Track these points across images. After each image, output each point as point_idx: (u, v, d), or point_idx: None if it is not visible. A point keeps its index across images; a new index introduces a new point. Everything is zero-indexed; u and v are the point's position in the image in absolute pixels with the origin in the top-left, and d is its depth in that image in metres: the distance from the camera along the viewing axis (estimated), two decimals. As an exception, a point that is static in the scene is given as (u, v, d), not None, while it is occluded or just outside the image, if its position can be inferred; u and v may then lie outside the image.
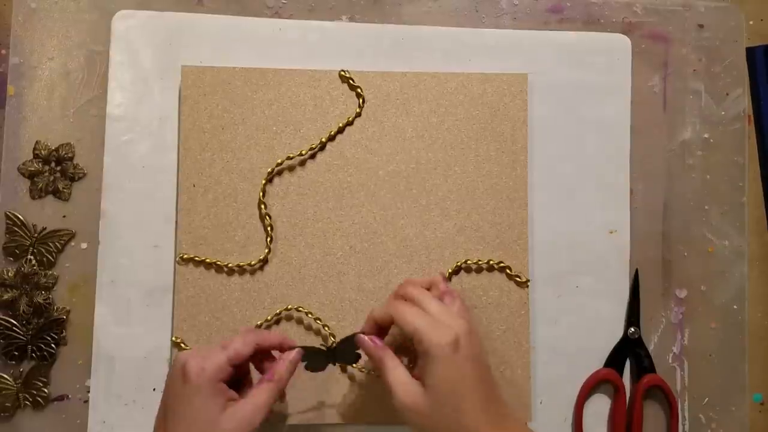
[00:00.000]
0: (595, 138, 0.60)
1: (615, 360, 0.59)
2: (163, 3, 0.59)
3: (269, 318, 0.56)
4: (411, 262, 0.58)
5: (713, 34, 0.62)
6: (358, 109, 0.58)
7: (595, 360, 0.59)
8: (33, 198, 0.57)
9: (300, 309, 0.56)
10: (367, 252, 0.57)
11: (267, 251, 0.57)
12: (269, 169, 0.57)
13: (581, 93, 0.60)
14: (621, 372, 0.59)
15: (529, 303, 0.58)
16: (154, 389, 0.56)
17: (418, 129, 0.59)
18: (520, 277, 0.58)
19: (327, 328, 0.56)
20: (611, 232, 0.60)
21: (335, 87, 0.59)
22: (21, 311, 0.56)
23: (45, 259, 0.57)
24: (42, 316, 0.56)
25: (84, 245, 0.57)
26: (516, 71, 0.60)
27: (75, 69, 0.58)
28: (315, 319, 0.56)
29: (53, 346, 0.56)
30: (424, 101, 0.59)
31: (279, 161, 0.57)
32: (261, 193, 0.57)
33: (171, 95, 0.58)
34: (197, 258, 0.56)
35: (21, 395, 0.56)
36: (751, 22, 0.63)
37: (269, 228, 0.57)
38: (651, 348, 0.59)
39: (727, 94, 0.62)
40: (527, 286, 0.58)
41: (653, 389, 0.59)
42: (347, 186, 0.58)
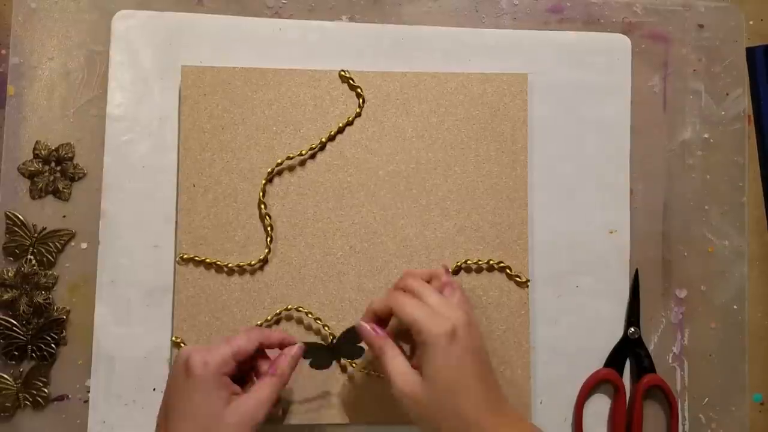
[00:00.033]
0: (595, 138, 0.60)
1: (615, 360, 0.59)
2: (163, 3, 0.59)
3: (269, 318, 0.56)
4: (411, 262, 0.58)
5: (713, 34, 0.62)
6: (358, 109, 0.58)
7: (595, 360, 0.59)
8: (33, 198, 0.57)
9: (300, 309, 0.56)
10: (367, 252, 0.57)
11: (267, 251, 0.57)
12: (269, 169, 0.57)
13: (581, 93, 0.60)
14: (621, 372, 0.59)
15: (529, 303, 0.58)
16: (154, 389, 0.56)
17: (418, 129, 0.59)
18: (520, 277, 0.58)
19: (327, 328, 0.56)
20: (611, 232, 0.60)
21: (335, 87, 0.59)
22: (21, 311, 0.56)
23: (45, 259, 0.57)
24: (42, 316, 0.56)
25: (84, 245, 0.57)
26: (516, 71, 0.60)
27: (75, 69, 0.58)
28: (315, 319, 0.56)
29: (53, 346, 0.56)
30: (424, 101, 0.59)
31: (279, 161, 0.57)
32: (261, 193, 0.57)
33: (171, 95, 0.58)
34: (197, 258, 0.56)
35: (21, 395, 0.56)
36: (751, 22, 0.63)
37: (269, 228, 0.57)
38: (651, 348, 0.59)
39: (727, 94, 0.62)
40: (527, 286, 0.58)
41: (653, 389, 0.59)
42: (347, 186, 0.58)
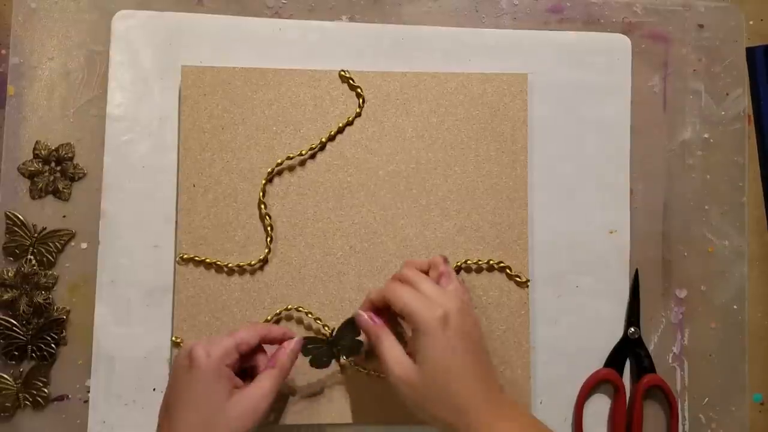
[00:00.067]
0: (595, 138, 0.60)
1: (615, 360, 0.59)
2: (163, 3, 0.59)
3: (269, 318, 0.56)
4: (411, 262, 0.57)
5: (713, 34, 0.62)
6: (358, 109, 0.58)
7: (595, 360, 0.59)
8: (33, 198, 0.57)
9: (300, 309, 0.56)
10: (367, 252, 0.57)
11: (267, 251, 0.57)
12: (269, 169, 0.57)
13: (581, 93, 0.60)
14: (621, 372, 0.59)
15: (529, 303, 0.58)
16: (154, 389, 0.56)
17: (418, 129, 0.59)
18: (520, 277, 0.58)
19: (327, 328, 0.56)
20: (611, 232, 0.60)
21: (335, 87, 0.59)
22: (21, 311, 0.56)
23: (45, 259, 0.57)
24: (42, 316, 0.56)
25: (84, 245, 0.57)
26: (516, 71, 0.60)
27: (75, 69, 0.58)
28: (315, 319, 0.56)
29: (53, 346, 0.56)
30: (424, 101, 0.59)
31: (279, 161, 0.57)
32: (261, 193, 0.57)
33: (171, 95, 0.58)
34: (197, 258, 0.56)
35: (21, 395, 0.56)
36: (751, 22, 0.63)
37: (269, 228, 0.57)
38: (651, 348, 0.59)
39: (727, 94, 0.62)
40: (527, 286, 0.58)
41: (653, 389, 0.59)
42: (347, 186, 0.58)
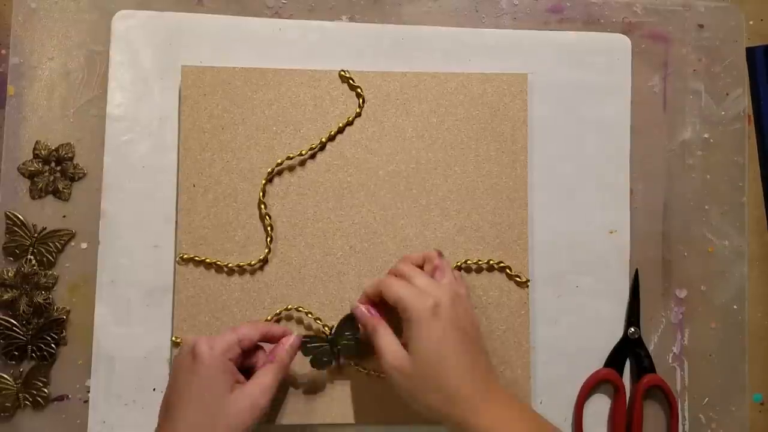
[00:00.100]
0: (595, 138, 0.60)
1: (615, 360, 0.59)
2: (163, 3, 0.59)
3: (269, 318, 0.56)
4: (411, 262, 0.58)
5: (713, 34, 0.62)
6: (358, 109, 0.58)
7: (595, 360, 0.59)
8: (33, 198, 0.57)
9: (300, 309, 0.56)
10: (367, 252, 0.57)
11: (267, 251, 0.57)
12: (269, 169, 0.57)
13: (581, 93, 0.60)
14: (621, 372, 0.59)
15: (529, 303, 0.58)
16: (154, 389, 0.56)
17: (418, 129, 0.59)
18: (520, 277, 0.58)
19: (327, 328, 0.56)
20: (611, 232, 0.60)
21: (335, 87, 0.58)
22: (21, 311, 0.56)
23: (45, 259, 0.57)
24: (42, 316, 0.56)
25: (84, 245, 0.57)
26: (516, 71, 0.60)
27: (75, 69, 0.58)
28: (315, 319, 0.56)
29: (53, 346, 0.56)
30: (424, 101, 0.59)
31: (279, 161, 0.57)
32: (261, 193, 0.57)
33: (171, 95, 0.58)
34: (197, 258, 0.56)
35: (21, 395, 0.56)
36: (751, 22, 0.63)
37: (269, 228, 0.57)
38: (651, 348, 0.59)
39: (727, 94, 0.62)
40: (527, 286, 0.58)
41: (653, 389, 0.59)
42: (347, 186, 0.58)
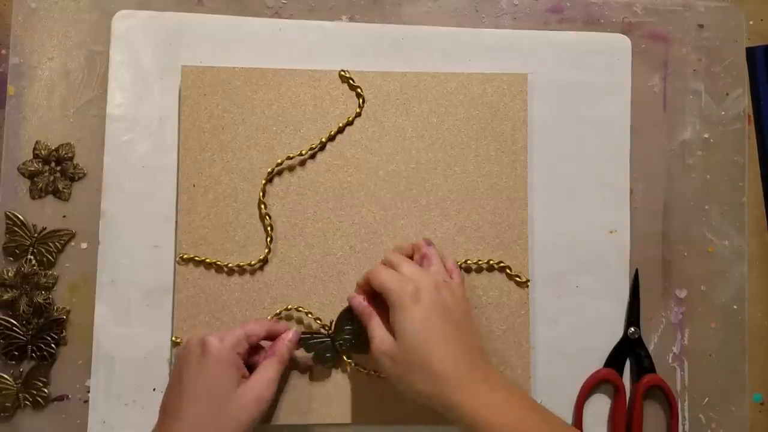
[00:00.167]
0: (595, 138, 0.60)
1: (615, 360, 0.59)
2: (163, 3, 0.59)
3: (269, 318, 0.56)
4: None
5: (713, 34, 0.62)
6: (358, 109, 0.58)
7: (595, 360, 0.59)
8: (33, 198, 0.57)
9: (300, 309, 0.56)
10: (367, 252, 0.57)
11: (267, 251, 0.57)
12: (269, 169, 0.57)
13: (581, 93, 0.60)
14: (621, 372, 0.59)
15: (529, 303, 0.58)
16: (154, 389, 0.56)
17: (418, 129, 0.59)
18: (520, 277, 0.58)
19: (327, 328, 0.56)
20: (611, 232, 0.60)
21: (335, 87, 0.58)
22: (21, 311, 0.56)
23: (45, 259, 0.57)
24: (42, 316, 0.56)
25: (84, 245, 0.57)
26: (516, 71, 0.60)
27: (75, 69, 0.58)
28: (315, 319, 0.56)
29: (53, 346, 0.56)
30: (424, 101, 0.59)
31: (279, 161, 0.57)
32: (261, 193, 0.57)
33: (171, 95, 0.58)
34: (197, 258, 0.56)
35: (21, 395, 0.56)
36: (751, 22, 0.63)
37: (269, 228, 0.57)
38: (651, 348, 0.59)
39: (727, 94, 0.62)
40: (527, 286, 0.58)
41: (653, 389, 0.59)
42: (347, 186, 0.58)
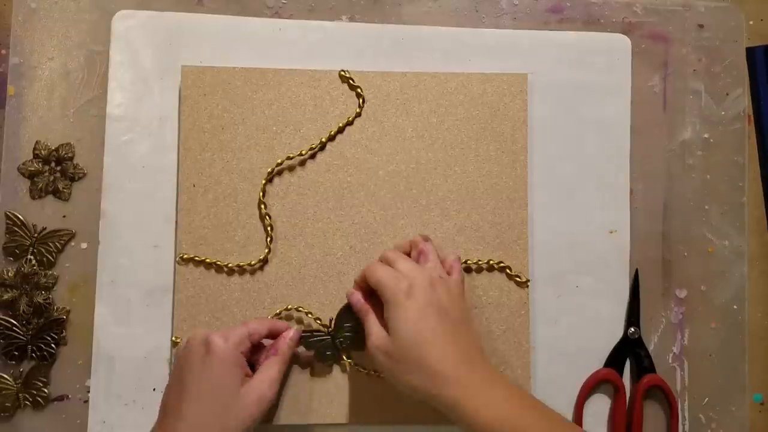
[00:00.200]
0: (595, 138, 0.60)
1: (615, 360, 0.59)
2: (163, 3, 0.59)
3: (269, 318, 0.56)
4: (411, 262, 0.57)
5: (713, 34, 0.62)
6: (358, 109, 0.58)
7: (595, 360, 0.59)
8: (33, 198, 0.57)
9: (300, 309, 0.56)
10: (367, 252, 0.57)
11: (267, 251, 0.57)
12: (269, 169, 0.57)
13: (581, 93, 0.60)
14: (621, 372, 0.59)
15: (529, 303, 0.58)
16: (154, 389, 0.56)
17: (418, 129, 0.59)
18: (520, 277, 0.58)
19: (327, 326, 0.56)
20: (611, 232, 0.60)
21: (335, 87, 0.58)
22: (21, 311, 0.56)
23: (45, 259, 0.57)
24: (42, 316, 0.56)
25: (84, 245, 0.57)
26: (516, 71, 0.60)
27: (75, 69, 0.58)
28: (315, 319, 0.56)
29: (53, 346, 0.56)
30: (424, 101, 0.59)
31: (279, 161, 0.57)
32: (261, 193, 0.57)
33: (171, 95, 0.58)
34: (197, 258, 0.56)
35: (21, 395, 0.56)
36: (751, 22, 0.63)
37: (269, 228, 0.57)
38: (651, 348, 0.59)
39: (727, 94, 0.62)
40: (527, 286, 0.58)
41: (653, 389, 0.59)
42: (347, 186, 0.58)
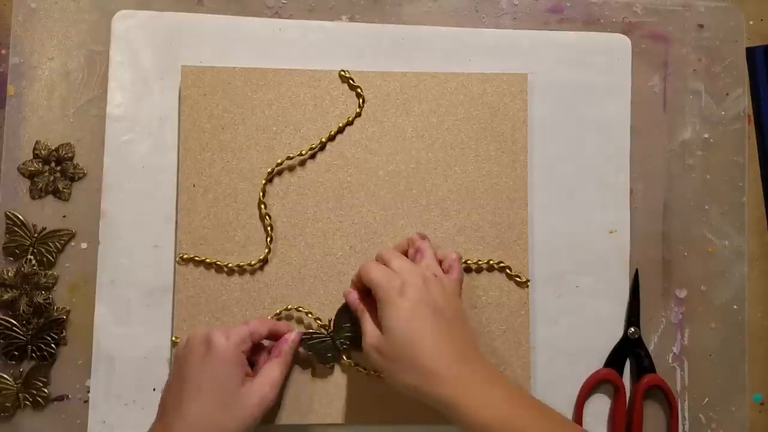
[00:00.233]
0: (595, 138, 0.60)
1: (615, 360, 0.59)
2: (163, 3, 0.59)
3: (269, 318, 0.56)
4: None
5: (713, 34, 0.62)
6: (358, 109, 0.58)
7: (595, 360, 0.59)
8: (33, 198, 0.57)
9: (300, 309, 0.56)
10: (367, 252, 0.57)
11: (267, 251, 0.57)
12: (269, 169, 0.57)
13: (581, 93, 0.60)
14: (621, 372, 0.59)
15: (529, 303, 0.58)
16: (154, 389, 0.56)
17: (418, 129, 0.59)
18: (520, 277, 0.58)
19: (327, 327, 0.56)
20: (611, 232, 0.60)
21: (335, 87, 0.59)
22: (21, 311, 0.56)
23: (45, 259, 0.57)
24: (42, 316, 0.56)
25: (84, 245, 0.57)
26: (516, 71, 0.60)
27: (75, 69, 0.58)
28: (315, 319, 0.56)
29: (53, 346, 0.56)
30: (424, 101, 0.59)
31: (279, 161, 0.57)
32: (261, 193, 0.57)
33: (171, 95, 0.58)
34: (197, 258, 0.56)
35: (21, 395, 0.56)
36: (751, 22, 0.63)
37: (269, 228, 0.57)
38: (651, 348, 0.59)
39: (727, 94, 0.62)
40: (527, 286, 0.58)
41: (653, 389, 0.59)
42: (347, 186, 0.58)
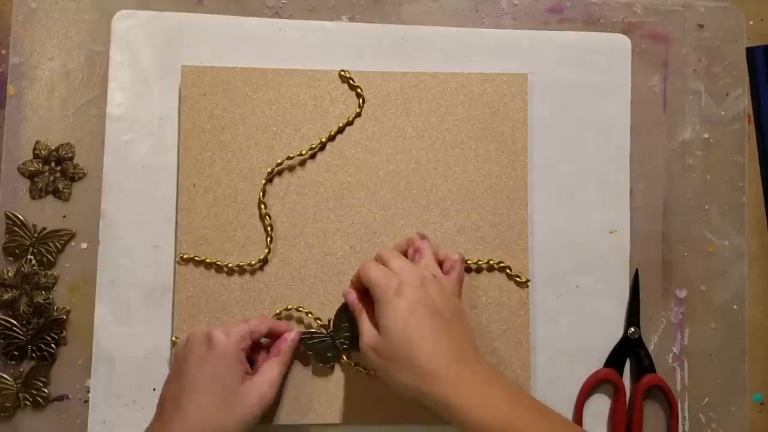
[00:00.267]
0: (595, 138, 0.60)
1: (615, 360, 0.59)
2: (163, 3, 0.59)
3: (270, 318, 0.56)
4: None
5: (713, 34, 0.62)
6: (358, 109, 0.58)
7: (595, 360, 0.59)
8: (33, 198, 0.57)
9: (300, 309, 0.56)
10: (367, 252, 0.57)
11: (267, 251, 0.57)
12: (269, 169, 0.57)
13: (581, 93, 0.60)
14: (621, 372, 0.59)
15: (529, 303, 0.58)
16: (154, 389, 0.56)
17: (418, 129, 0.59)
18: (520, 277, 0.58)
19: (327, 327, 0.56)
20: (611, 232, 0.60)
21: (335, 87, 0.59)
22: (21, 311, 0.56)
23: (45, 259, 0.57)
24: (42, 316, 0.56)
25: (84, 245, 0.57)
26: (516, 71, 0.60)
27: (75, 69, 0.58)
28: (315, 319, 0.56)
29: (53, 346, 0.56)
30: (424, 101, 0.59)
31: (279, 161, 0.57)
32: (261, 193, 0.57)
33: (171, 95, 0.58)
34: (197, 258, 0.56)
35: (21, 395, 0.56)
36: (751, 22, 0.63)
37: (269, 228, 0.57)
38: (651, 348, 0.59)
39: (727, 94, 0.62)
40: (527, 286, 0.58)
41: (653, 389, 0.59)
42: (347, 186, 0.58)
